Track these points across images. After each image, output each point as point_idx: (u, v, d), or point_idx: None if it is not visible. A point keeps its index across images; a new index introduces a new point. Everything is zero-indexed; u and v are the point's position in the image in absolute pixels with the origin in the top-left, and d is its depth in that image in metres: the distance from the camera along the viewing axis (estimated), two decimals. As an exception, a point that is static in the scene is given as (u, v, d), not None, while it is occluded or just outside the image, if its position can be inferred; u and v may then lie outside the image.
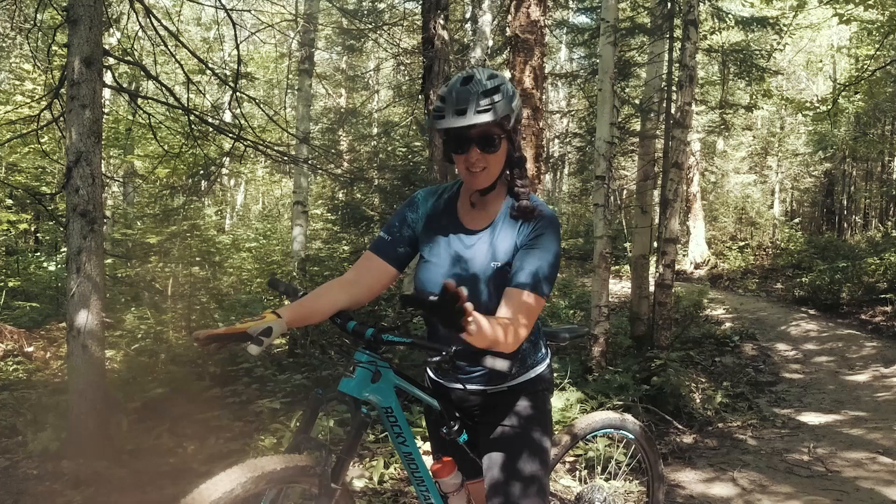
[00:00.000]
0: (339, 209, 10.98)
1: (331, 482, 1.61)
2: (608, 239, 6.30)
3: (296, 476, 1.60)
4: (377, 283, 1.84)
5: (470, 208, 1.82)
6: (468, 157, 1.67)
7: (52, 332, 7.69)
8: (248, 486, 1.48)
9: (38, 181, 10.00)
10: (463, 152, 1.68)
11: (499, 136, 1.68)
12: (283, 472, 1.56)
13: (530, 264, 1.66)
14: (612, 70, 6.42)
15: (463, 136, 1.66)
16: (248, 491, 1.49)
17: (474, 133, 1.65)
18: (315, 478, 1.61)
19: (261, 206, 25.92)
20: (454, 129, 1.65)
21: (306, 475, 1.61)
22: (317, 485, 1.62)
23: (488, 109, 1.60)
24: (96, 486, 3.37)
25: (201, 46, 15.91)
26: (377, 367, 1.72)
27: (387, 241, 1.85)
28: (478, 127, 1.63)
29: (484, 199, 1.80)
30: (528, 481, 1.79)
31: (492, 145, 1.67)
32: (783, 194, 22.76)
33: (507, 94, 1.66)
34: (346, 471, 1.67)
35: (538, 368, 1.91)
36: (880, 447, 4.58)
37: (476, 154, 1.67)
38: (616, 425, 2.40)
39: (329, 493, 1.62)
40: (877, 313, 9.97)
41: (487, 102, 1.61)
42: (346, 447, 1.67)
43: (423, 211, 1.88)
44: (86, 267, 3.63)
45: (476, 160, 1.67)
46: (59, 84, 4.43)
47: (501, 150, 1.71)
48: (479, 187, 1.75)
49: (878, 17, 10.49)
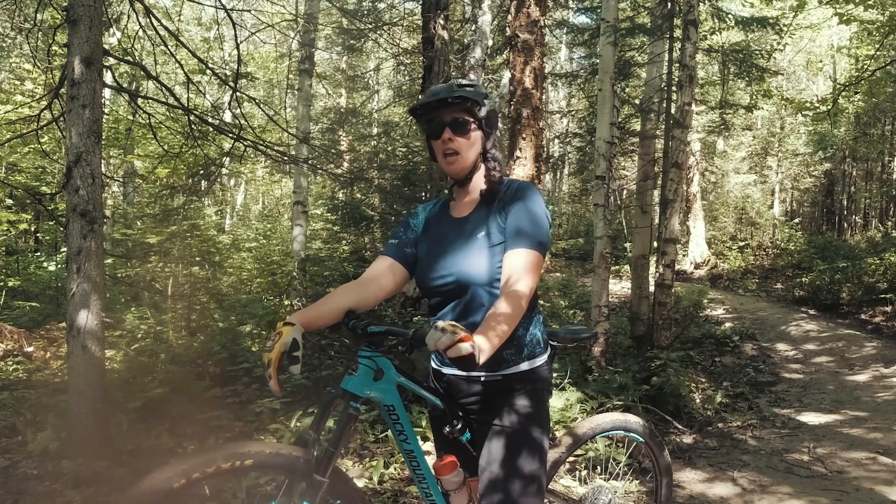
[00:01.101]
0: (339, 209, 10.97)
1: (314, 473, 1.63)
2: (608, 239, 6.30)
3: (282, 463, 1.63)
4: (389, 282, 1.95)
5: (457, 204, 1.98)
6: (443, 138, 1.83)
7: (52, 332, 7.69)
8: (231, 459, 1.55)
9: (38, 181, 10.00)
10: (437, 137, 1.85)
11: (469, 122, 1.84)
12: (270, 458, 1.60)
13: (515, 225, 1.79)
14: (612, 70, 6.42)
15: (438, 122, 1.84)
16: (230, 464, 1.55)
17: (447, 117, 1.83)
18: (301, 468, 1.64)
19: (261, 206, 25.93)
20: (431, 115, 1.84)
21: (293, 464, 1.64)
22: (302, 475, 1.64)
23: (459, 94, 1.80)
24: (96, 486, 3.37)
25: (201, 46, 15.90)
26: (379, 366, 1.75)
27: (395, 243, 2.00)
28: (449, 110, 1.82)
29: (465, 190, 1.95)
30: (526, 480, 1.80)
31: (462, 128, 1.83)
32: (783, 194, 22.77)
33: (480, 91, 1.86)
34: (333, 463, 1.68)
35: (536, 361, 1.90)
36: (880, 447, 4.58)
37: (448, 135, 1.82)
38: (623, 426, 2.39)
39: (314, 485, 1.63)
40: (877, 313, 9.97)
41: (460, 91, 1.82)
42: (333, 440, 1.69)
43: (422, 216, 2.05)
44: (86, 267, 3.63)
45: (448, 142, 1.83)
46: (59, 84, 4.43)
47: (474, 139, 1.86)
48: (455, 175, 1.90)
49: (878, 17, 10.50)
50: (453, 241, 1.89)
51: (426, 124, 1.88)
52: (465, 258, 1.83)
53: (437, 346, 1.48)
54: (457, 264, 1.84)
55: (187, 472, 1.49)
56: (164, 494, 1.45)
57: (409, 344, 1.66)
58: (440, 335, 1.48)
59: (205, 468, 1.51)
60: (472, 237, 1.85)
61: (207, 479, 1.53)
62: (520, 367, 1.87)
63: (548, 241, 1.80)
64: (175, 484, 1.47)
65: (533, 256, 1.73)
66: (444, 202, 2.05)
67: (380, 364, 1.76)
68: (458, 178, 1.92)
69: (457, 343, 1.45)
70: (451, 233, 1.92)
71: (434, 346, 1.49)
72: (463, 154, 1.85)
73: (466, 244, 1.85)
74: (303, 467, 1.64)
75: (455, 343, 1.45)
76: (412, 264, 1.98)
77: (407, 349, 1.68)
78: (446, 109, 1.83)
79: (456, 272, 1.83)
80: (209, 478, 1.53)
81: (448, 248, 1.89)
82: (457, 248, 1.87)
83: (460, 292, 1.84)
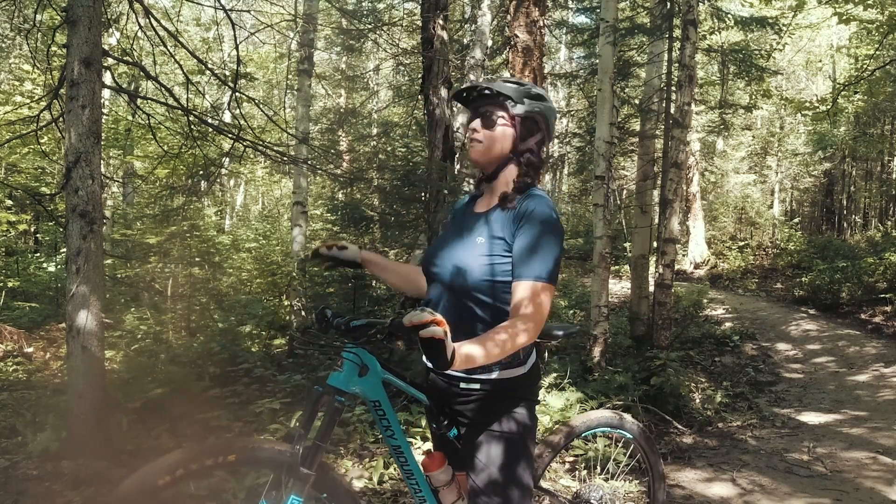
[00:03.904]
0: (338, 209, 10.95)
1: (301, 466, 1.65)
2: (608, 239, 6.30)
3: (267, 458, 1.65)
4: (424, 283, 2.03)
5: (482, 199, 1.97)
6: (472, 128, 1.88)
7: (52, 333, 7.69)
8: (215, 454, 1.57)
9: (38, 182, 10.01)
10: (470, 122, 1.90)
11: (500, 117, 1.84)
12: (254, 452, 1.63)
13: (522, 254, 1.73)
14: (612, 70, 6.42)
15: (474, 110, 1.89)
16: (214, 460, 1.57)
17: (482, 107, 1.86)
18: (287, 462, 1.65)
19: (260, 206, 25.92)
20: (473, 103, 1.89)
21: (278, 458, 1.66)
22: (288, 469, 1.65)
23: (491, 87, 1.83)
24: (96, 487, 3.37)
25: (200, 47, 15.88)
26: (364, 361, 1.76)
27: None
28: (483, 101, 1.86)
29: (490, 186, 1.93)
30: (512, 486, 1.80)
31: (489, 121, 1.84)
32: (783, 194, 22.78)
33: (523, 90, 1.86)
34: (319, 457, 1.69)
35: (516, 371, 1.84)
36: (880, 447, 4.58)
37: (476, 125, 1.86)
38: (614, 424, 2.40)
39: (301, 478, 1.64)
40: (877, 313, 9.97)
41: (495, 85, 1.84)
42: (319, 434, 1.70)
43: (454, 210, 2.10)
44: (85, 267, 3.63)
45: (474, 130, 1.87)
46: (58, 84, 4.43)
47: (502, 134, 1.84)
48: (473, 160, 1.91)
49: (878, 16, 10.50)
50: (462, 233, 1.89)
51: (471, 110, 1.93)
52: (463, 251, 1.82)
53: (412, 320, 1.45)
54: (456, 255, 1.83)
55: (172, 468, 1.50)
56: (150, 492, 1.46)
57: (387, 332, 1.67)
58: (419, 312, 1.46)
59: (189, 464, 1.52)
60: (478, 233, 1.84)
61: (192, 476, 1.54)
62: (492, 374, 1.82)
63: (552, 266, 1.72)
64: (160, 481, 1.47)
65: (537, 289, 1.68)
66: (473, 196, 2.04)
67: (364, 360, 1.77)
68: (481, 168, 1.92)
69: (431, 324, 1.43)
70: (465, 225, 1.93)
71: (409, 321, 1.46)
72: (486, 144, 1.85)
73: (470, 237, 1.84)
74: (288, 461, 1.65)
75: (429, 322, 1.43)
76: None
77: (385, 337, 1.68)
78: (481, 100, 1.87)
79: (451, 263, 1.82)
80: (193, 474, 1.54)
81: (455, 238, 1.89)
82: (461, 240, 1.87)
83: (450, 284, 1.81)
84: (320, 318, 1.90)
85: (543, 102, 1.87)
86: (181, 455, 1.54)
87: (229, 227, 18.65)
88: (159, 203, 8.92)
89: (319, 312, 1.91)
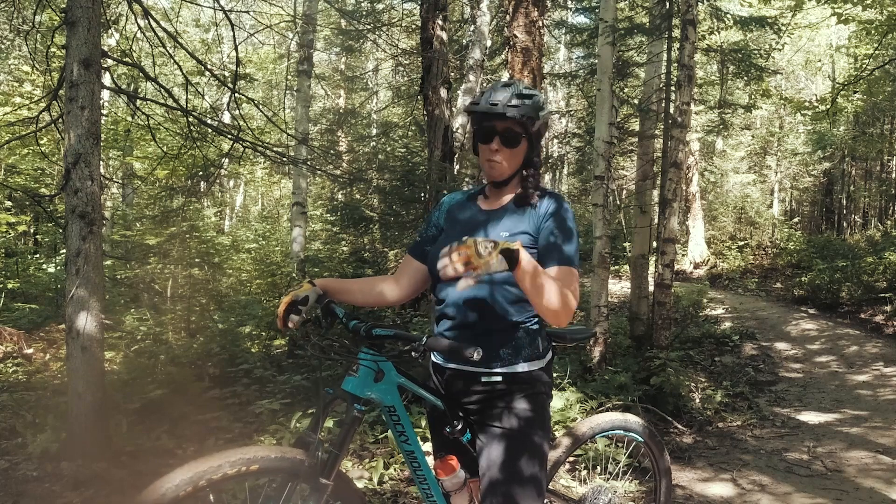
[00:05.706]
0: (338, 210, 10.98)
1: (319, 476, 1.63)
2: (607, 239, 6.29)
3: (288, 467, 1.63)
4: (414, 281, 2.03)
5: (486, 199, 2.00)
6: (490, 146, 1.86)
7: (52, 334, 7.69)
8: (238, 465, 1.55)
9: (37, 183, 10.01)
10: (487, 143, 1.87)
11: (521, 135, 1.85)
12: (275, 462, 1.60)
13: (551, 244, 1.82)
14: (611, 70, 6.42)
15: (491, 129, 1.85)
16: (237, 470, 1.55)
17: (501, 127, 1.84)
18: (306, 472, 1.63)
19: (260, 207, 25.90)
20: (485, 122, 1.85)
21: (298, 468, 1.64)
22: (306, 479, 1.63)
23: (517, 107, 1.80)
24: (96, 488, 3.37)
25: (200, 48, 15.89)
26: (379, 366, 1.74)
27: (418, 241, 2.06)
28: (505, 121, 1.82)
29: (499, 190, 1.96)
30: (526, 483, 1.79)
31: (513, 141, 1.85)
32: (782, 194, 22.79)
33: (538, 103, 1.86)
34: (337, 466, 1.68)
35: (536, 364, 1.87)
36: (880, 446, 4.58)
37: (497, 145, 1.85)
38: (623, 426, 2.38)
39: (319, 488, 1.63)
40: (876, 312, 9.97)
41: (518, 102, 1.81)
42: (337, 443, 1.69)
43: (445, 207, 2.08)
44: (85, 269, 3.63)
45: (496, 151, 1.85)
46: (57, 86, 4.43)
47: (520, 149, 1.88)
48: (494, 178, 1.92)
49: (877, 16, 10.50)
50: (476, 230, 1.89)
51: (478, 124, 1.89)
52: None
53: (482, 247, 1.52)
54: None
55: (194, 480, 1.48)
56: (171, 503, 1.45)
57: (422, 350, 1.66)
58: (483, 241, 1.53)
59: (211, 475, 1.51)
60: (500, 228, 1.87)
61: (213, 487, 1.52)
62: (516, 367, 1.84)
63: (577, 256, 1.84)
64: (182, 493, 1.46)
65: (566, 272, 1.78)
66: (471, 194, 2.06)
67: (381, 365, 1.75)
68: (496, 181, 1.94)
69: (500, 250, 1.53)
70: (475, 219, 1.94)
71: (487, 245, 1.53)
72: (507, 163, 1.87)
73: (492, 232, 1.86)
74: (307, 471, 1.63)
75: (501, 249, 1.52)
76: None
77: (420, 355, 1.67)
78: (502, 120, 1.83)
79: None
80: (215, 485, 1.52)
81: (468, 231, 1.87)
82: (478, 232, 1.87)
83: None
84: (327, 312, 1.87)
85: (545, 107, 1.90)
86: (203, 465, 1.51)
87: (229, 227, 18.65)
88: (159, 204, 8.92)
89: (325, 307, 1.87)
